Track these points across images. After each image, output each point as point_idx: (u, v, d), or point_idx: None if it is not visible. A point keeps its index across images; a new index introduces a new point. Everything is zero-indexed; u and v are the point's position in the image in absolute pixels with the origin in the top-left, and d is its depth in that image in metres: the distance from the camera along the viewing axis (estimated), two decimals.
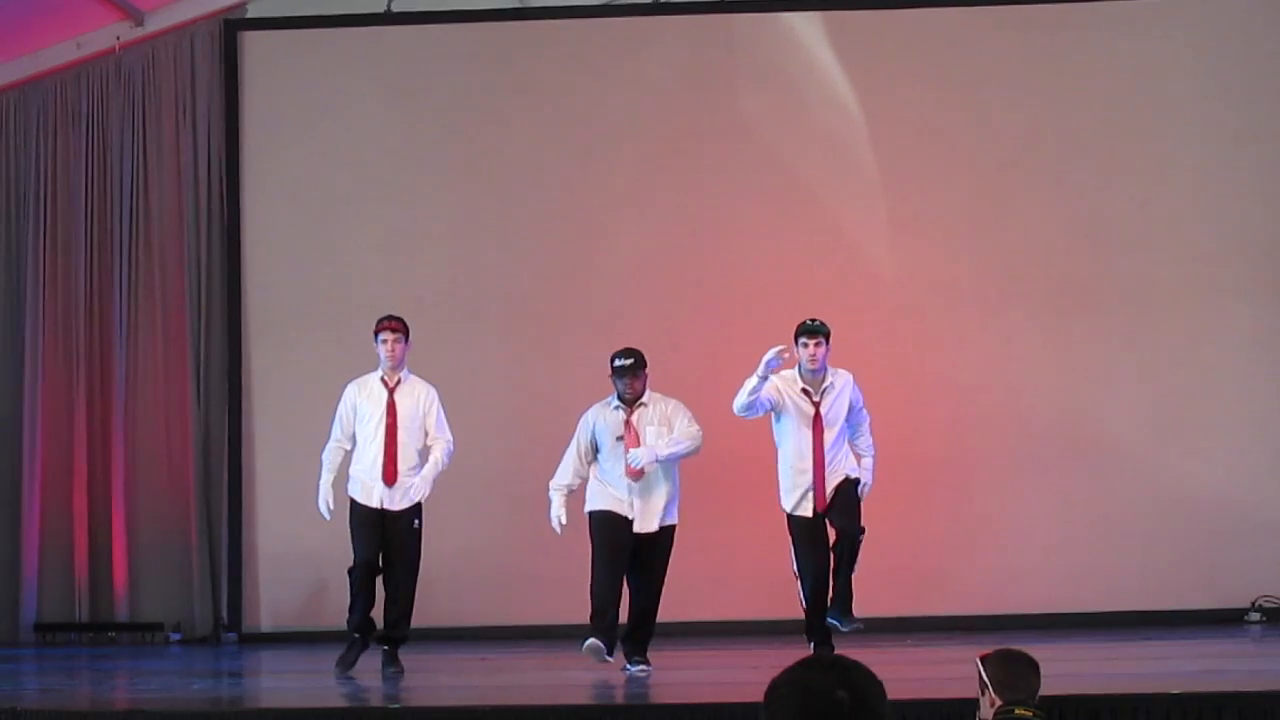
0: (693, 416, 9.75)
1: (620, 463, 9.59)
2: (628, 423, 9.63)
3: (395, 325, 10.07)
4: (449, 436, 10.09)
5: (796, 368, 9.70)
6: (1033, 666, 5.62)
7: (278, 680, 11.06)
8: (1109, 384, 12.47)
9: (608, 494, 9.65)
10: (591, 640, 9.40)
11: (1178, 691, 7.75)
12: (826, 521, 9.68)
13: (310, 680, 10.50)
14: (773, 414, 9.77)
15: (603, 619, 9.47)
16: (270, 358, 12.82)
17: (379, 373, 10.11)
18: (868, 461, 9.91)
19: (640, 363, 9.69)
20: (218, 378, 12.87)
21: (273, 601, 12.71)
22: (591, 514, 9.71)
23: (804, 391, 9.69)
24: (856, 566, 9.60)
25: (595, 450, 9.73)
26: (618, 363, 9.68)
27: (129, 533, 12.71)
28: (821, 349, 9.64)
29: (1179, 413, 12.44)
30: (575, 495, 9.80)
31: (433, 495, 10.04)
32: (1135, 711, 7.57)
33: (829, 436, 9.66)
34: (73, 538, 12.72)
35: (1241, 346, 12.47)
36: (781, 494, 9.80)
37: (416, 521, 9.95)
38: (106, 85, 13.06)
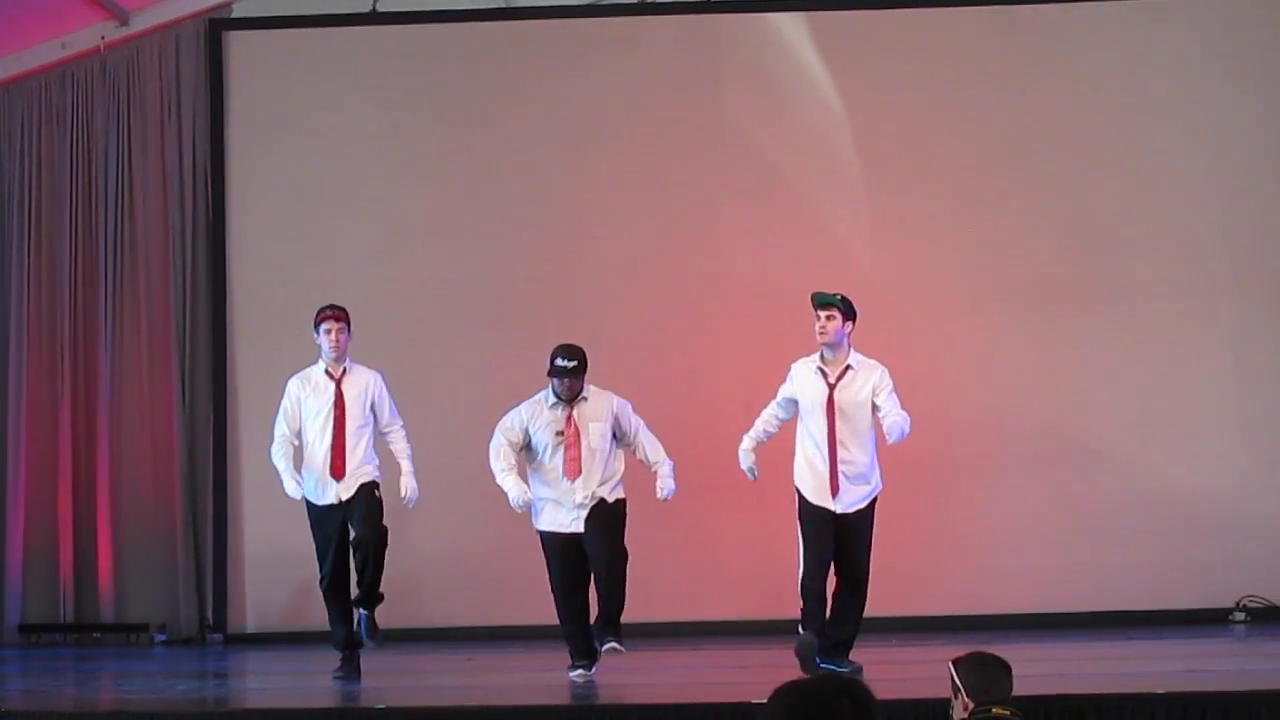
0: (632, 411, 9.55)
1: (560, 460, 9.38)
2: (569, 418, 9.40)
3: (339, 315, 9.84)
4: (400, 421, 9.92)
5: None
6: (1005, 669, 5.64)
7: (263, 681, 11.05)
8: (1093, 384, 12.49)
9: (552, 509, 9.42)
10: (579, 670, 9.40)
11: (1162, 691, 7.76)
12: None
13: (296, 681, 10.51)
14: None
15: (578, 643, 9.46)
16: (255, 359, 12.80)
17: (321, 365, 9.87)
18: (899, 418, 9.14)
19: (583, 366, 9.41)
20: (203, 379, 12.85)
21: (258, 602, 12.70)
22: (541, 535, 9.51)
23: (819, 371, 9.33)
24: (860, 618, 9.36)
25: (527, 447, 9.49)
26: (560, 363, 9.38)
27: (114, 533, 12.70)
28: (834, 322, 9.25)
29: (1163, 413, 12.46)
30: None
31: (418, 496, 9.97)
32: (1120, 711, 7.59)
33: (844, 427, 9.21)
34: (57, 539, 12.70)
35: (1225, 347, 12.50)
36: (795, 472, 9.39)
37: (377, 491, 9.71)
38: (91, 85, 13.04)
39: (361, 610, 9.82)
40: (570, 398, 9.42)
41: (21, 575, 12.72)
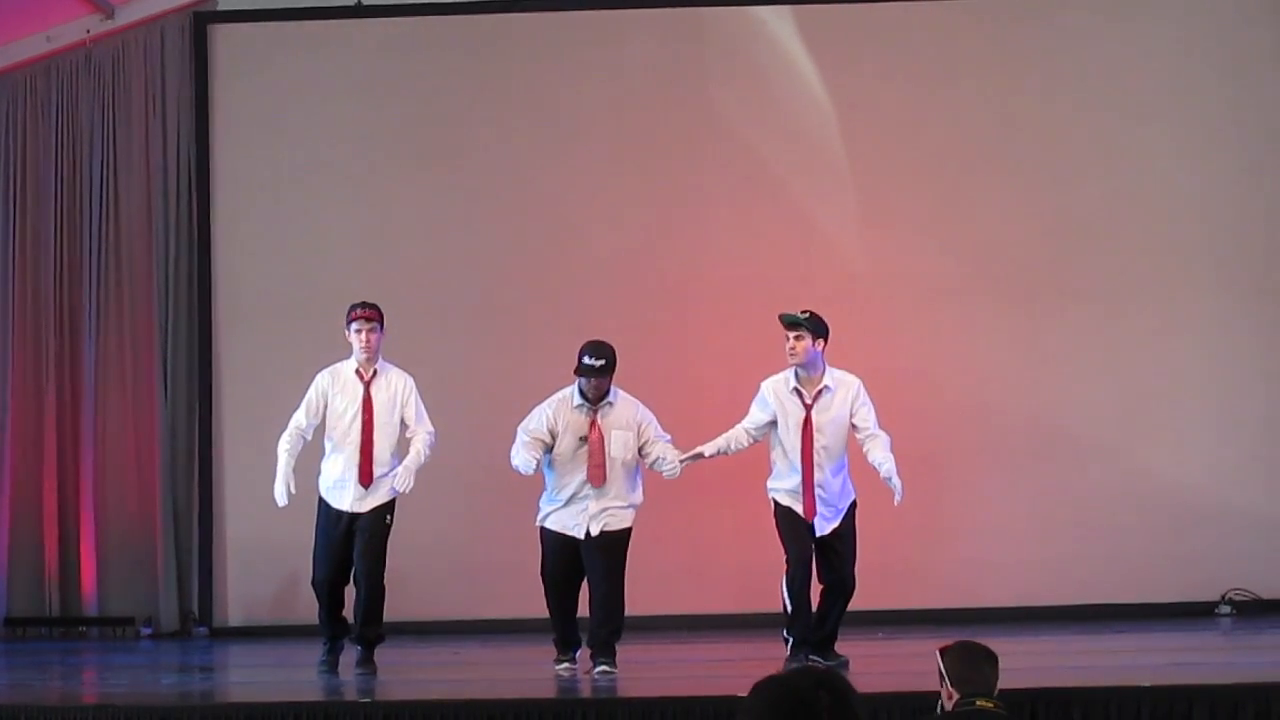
0: (659, 424, 9.39)
1: (581, 466, 9.18)
2: (593, 423, 9.20)
3: (370, 314, 9.53)
4: (430, 427, 9.62)
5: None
6: (990, 660, 5.64)
7: (248, 675, 11.04)
8: (1080, 378, 12.50)
9: (560, 511, 9.28)
10: (564, 664, 9.40)
11: (1148, 684, 7.76)
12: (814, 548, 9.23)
13: (281, 674, 10.50)
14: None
15: (564, 636, 9.46)
16: (240, 352, 12.79)
17: (353, 364, 9.58)
18: (888, 466, 9.10)
19: (611, 365, 9.15)
20: (186, 372, 12.83)
21: (243, 596, 12.69)
22: (541, 530, 9.40)
23: (795, 391, 9.21)
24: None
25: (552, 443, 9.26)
26: (587, 361, 9.10)
27: (98, 527, 12.69)
28: (804, 342, 9.10)
29: (1149, 406, 12.48)
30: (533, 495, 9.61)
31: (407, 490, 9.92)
32: (1106, 704, 7.58)
33: (821, 444, 9.13)
34: (42, 532, 12.69)
35: (1211, 340, 12.52)
36: (770, 485, 9.34)
37: (389, 517, 9.54)
38: (76, 78, 13.03)
39: (358, 646, 9.68)
40: (597, 398, 9.19)
41: (7, 569, 12.70)
